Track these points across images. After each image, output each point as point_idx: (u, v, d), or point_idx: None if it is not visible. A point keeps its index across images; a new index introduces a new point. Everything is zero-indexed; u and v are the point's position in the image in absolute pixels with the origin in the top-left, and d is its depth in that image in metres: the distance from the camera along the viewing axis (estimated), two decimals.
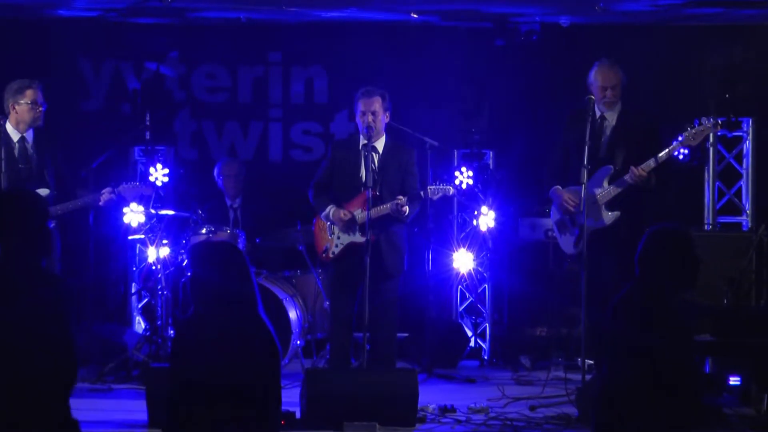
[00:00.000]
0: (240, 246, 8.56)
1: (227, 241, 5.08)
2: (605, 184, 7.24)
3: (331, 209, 7.52)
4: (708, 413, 6.69)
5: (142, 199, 8.52)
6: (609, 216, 7.19)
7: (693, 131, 7.10)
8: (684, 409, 4.87)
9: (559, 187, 7.45)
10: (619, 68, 7.38)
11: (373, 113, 7.46)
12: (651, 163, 7.09)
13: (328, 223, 7.59)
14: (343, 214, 7.45)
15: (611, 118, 7.39)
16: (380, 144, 7.58)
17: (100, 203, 7.72)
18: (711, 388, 7.33)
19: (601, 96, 7.32)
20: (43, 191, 7.60)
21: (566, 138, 7.49)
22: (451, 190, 7.42)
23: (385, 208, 7.35)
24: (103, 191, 7.74)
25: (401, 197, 7.29)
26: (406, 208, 7.30)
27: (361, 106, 7.50)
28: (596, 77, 7.37)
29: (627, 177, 7.11)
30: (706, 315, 6.79)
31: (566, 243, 7.50)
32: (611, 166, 7.23)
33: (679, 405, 4.85)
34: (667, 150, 7.11)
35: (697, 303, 6.71)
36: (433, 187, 7.39)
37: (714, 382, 7.46)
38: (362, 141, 7.54)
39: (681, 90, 9.67)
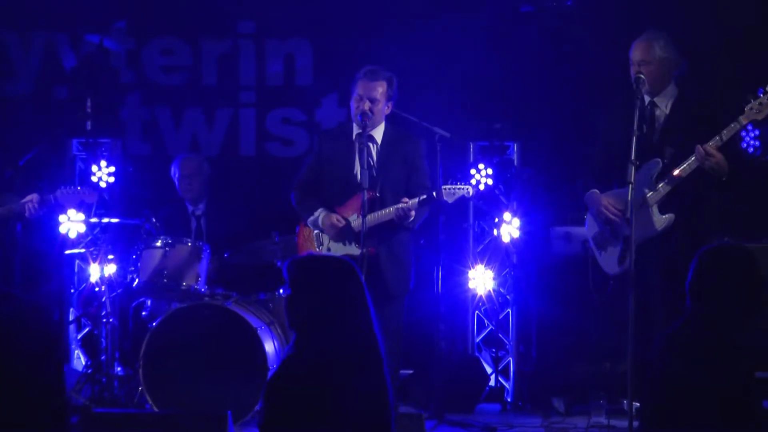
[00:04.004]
0: (204, 263, 8.63)
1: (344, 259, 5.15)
2: (653, 182, 7.31)
3: (321, 214, 7.59)
4: None
5: (82, 206, 8.57)
6: (661, 220, 7.25)
7: (757, 102, 7.15)
8: None
9: (597, 191, 7.54)
10: (658, 43, 7.44)
11: (372, 100, 7.52)
12: (718, 139, 7.14)
13: (316, 231, 7.65)
14: (336, 219, 7.51)
15: (663, 105, 7.48)
16: (379, 134, 7.63)
17: (26, 214, 7.72)
18: None
19: (633, 74, 7.43)
20: None
21: (609, 128, 7.58)
22: (471, 191, 7.46)
23: (387, 213, 7.39)
24: (27, 199, 7.71)
25: (407, 200, 7.33)
26: (413, 213, 7.34)
27: (358, 89, 7.56)
28: (630, 52, 7.49)
29: (692, 159, 7.16)
30: None
31: (608, 261, 7.55)
32: (659, 160, 7.32)
33: None
34: (730, 127, 7.16)
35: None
36: (449, 187, 7.40)
37: None
38: (356, 130, 7.61)
39: (749, 65, 9.68)
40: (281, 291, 8.99)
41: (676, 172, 7.22)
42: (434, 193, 7.39)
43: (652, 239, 7.23)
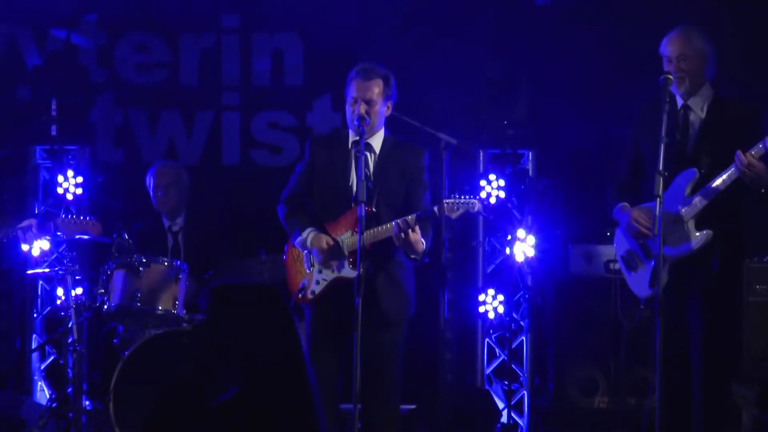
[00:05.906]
0: (182, 284, 8.56)
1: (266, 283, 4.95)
2: (688, 194, 7.23)
3: (309, 234, 7.47)
4: None
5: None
6: (697, 237, 7.18)
7: None
8: None
9: (627, 204, 7.45)
10: (695, 33, 7.37)
11: (368, 102, 7.42)
12: (761, 147, 7.02)
13: (305, 251, 7.56)
14: (326, 242, 7.41)
15: (698, 108, 7.39)
16: (377, 141, 7.52)
17: (22, 241, 7.73)
18: None
19: (673, 71, 7.35)
20: None
21: (638, 135, 7.50)
22: (477, 205, 7.35)
23: (385, 229, 7.29)
24: (25, 224, 7.71)
25: (410, 216, 7.22)
26: (416, 235, 7.20)
27: (353, 90, 7.46)
28: (663, 47, 7.40)
29: (733, 167, 7.08)
30: None
31: (638, 282, 7.46)
32: (695, 170, 7.24)
33: None
34: None
35: None
36: (451, 201, 7.29)
37: None
38: (352, 137, 7.52)
39: None
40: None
41: (714, 184, 7.14)
42: (435, 209, 7.26)
43: (688, 258, 7.15)
